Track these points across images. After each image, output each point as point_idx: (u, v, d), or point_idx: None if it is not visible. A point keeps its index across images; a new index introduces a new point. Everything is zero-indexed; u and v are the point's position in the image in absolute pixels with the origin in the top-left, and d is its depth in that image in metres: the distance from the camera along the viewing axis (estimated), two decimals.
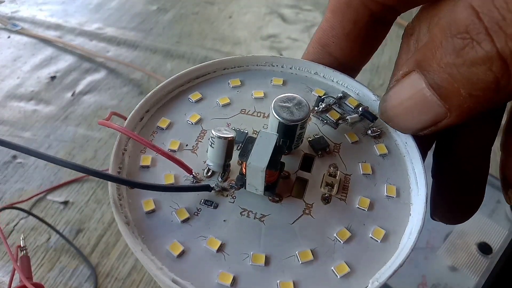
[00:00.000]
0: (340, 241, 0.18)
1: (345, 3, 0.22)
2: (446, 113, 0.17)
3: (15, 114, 0.53)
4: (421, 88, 0.17)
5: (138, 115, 0.22)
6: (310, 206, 0.19)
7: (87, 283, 0.39)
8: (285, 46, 0.66)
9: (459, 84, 0.16)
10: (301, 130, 0.20)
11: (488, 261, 0.38)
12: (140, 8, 0.71)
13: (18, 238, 0.41)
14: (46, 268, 0.40)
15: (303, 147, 0.21)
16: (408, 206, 0.19)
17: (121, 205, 0.18)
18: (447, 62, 0.16)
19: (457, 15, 0.15)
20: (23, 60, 0.60)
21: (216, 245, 0.18)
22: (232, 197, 0.19)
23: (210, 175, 0.20)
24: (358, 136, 0.22)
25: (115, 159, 0.20)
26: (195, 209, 0.19)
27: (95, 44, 0.64)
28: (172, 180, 0.20)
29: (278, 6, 0.74)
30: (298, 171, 0.20)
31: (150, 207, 0.19)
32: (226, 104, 0.23)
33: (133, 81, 0.58)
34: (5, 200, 0.44)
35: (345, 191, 0.20)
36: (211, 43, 0.65)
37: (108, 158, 0.49)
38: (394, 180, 0.20)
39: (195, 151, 0.21)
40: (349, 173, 0.20)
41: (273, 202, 0.19)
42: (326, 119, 0.22)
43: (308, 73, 0.25)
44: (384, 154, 0.21)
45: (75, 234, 0.42)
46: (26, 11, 0.68)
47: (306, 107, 0.20)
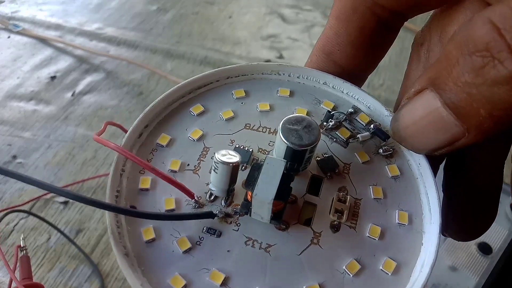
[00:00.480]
0: (350, 274, 0.17)
1: (351, 9, 0.21)
2: (464, 133, 0.16)
3: (15, 114, 0.53)
4: (437, 107, 0.16)
5: (136, 132, 0.21)
6: (319, 235, 0.18)
7: (87, 283, 0.39)
8: (285, 46, 0.66)
9: (479, 104, 0.15)
10: (310, 154, 0.19)
11: (488, 261, 0.38)
12: (140, 8, 0.71)
13: (18, 238, 0.41)
14: (46, 268, 0.39)
15: (311, 167, 0.20)
16: (420, 234, 0.18)
17: (119, 234, 0.17)
18: (465, 81, 0.15)
19: (475, 31, 0.14)
20: (23, 60, 0.60)
21: (220, 279, 0.17)
22: (236, 224, 0.18)
23: (213, 199, 0.19)
24: (369, 155, 0.21)
25: (112, 182, 0.19)
26: (198, 238, 0.18)
27: (95, 44, 0.64)
28: (173, 205, 0.19)
29: (278, 6, 0.74)
30: (306, 194, 0.19)
31: (150, 236, 0.18)
32: (229, 118, 0.22)
33: (133, 81, 0.58)
34: (5, 200, 0.44)
35: (355, 218, 0.19)
36: (211, 43, 0.65)
37: (108, 157, 0.49)
38: (406, 205, 0.19)
39: (197, 171, 0.20)
40: (359, 197, 0.19)
41: (279, 230, 0.18)
42: (335, 137, 0.21)
43: (317, 83, 0.24)
44: (396, 176, 0.20)
45: (75, 234, 0.42)
46: (26, 11, 0.68)
47: (316, 130, 0.18)
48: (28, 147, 0.49)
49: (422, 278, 0.17)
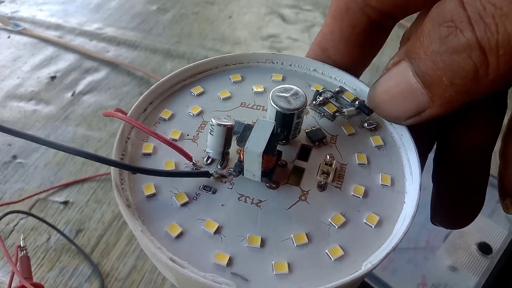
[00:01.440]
0: (335, 226, 0.19)
1: (344, 9, 0.22)
2: (429, 102, 0.17)
3: (15, 114, 0.53)
4: (408, 76, 0.17)
5: (142, 106, 0.23)
6: (306, 193, 0.20)
7: (87, 283, 0.39)
8: (285, 46, 0.66)
9: (442, 72, 0.16)
10: (298, 119, 0.20)
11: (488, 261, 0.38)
12: (140, 8, 0.72)
13: (18, 238, 0.42)
14: (46, 268, 0.40)
15: (301, 138, 0.22)
16: (402, 194, 0.20)
17: (122, 189, 0.19)
18: (432, 50, 0.16)
19: (445, 5, 0.16)
20: (23, 60, 0.60)
21: (214, 227, 0.18)
22: (230, 183, 0.20)
23: (209, 163, 0.21)
24: (355, 128, 0.23)
25: (118, 146, 0.21)
26: (194, 194, 0.19)
27: (95, 44, 0.64)
28: (173, 167, 0.20)
29: (278, 6, 0.74)
30: (295, 160, 0.21)
31: (150, 191, 0.19)
32: (226, 98, 0.24)
33: (133, 81, 0.58)
34: (5, 200, 0.44)
35: (340, 180, 0.20)
36: (211, 43, 0.66)
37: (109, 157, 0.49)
38: (389, 170, 0.21)
39: (195, 140, 0.22)
40: (345, 163, 0.21)
41: (270, 189, 0.20)
42: (323, 111, 0.23)
43: (307, 70, 0.26)
44: (379, 146, 0.22)
45: (75, 234, 0.42)
46: (26, 11, 0.69)
47: (303, 97, 0.20)
48: (28, 147, 0.49)
49: (403, 229, 0.18)
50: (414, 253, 0.38)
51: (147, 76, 0.59)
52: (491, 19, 0.14)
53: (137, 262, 0.40)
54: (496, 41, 0.15)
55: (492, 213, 0.41)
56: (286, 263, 0.17)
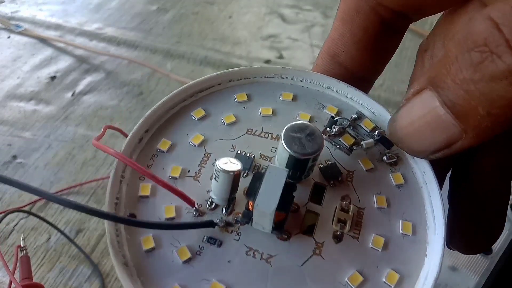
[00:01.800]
0: (352, 287, 0.17)
1: (355, 10, 0.21)
2: (462, 133, 0.15)
3: (15, 114, 0.53)
4: (434, 106, 0.16)
5: (137, 137, 0.20)
6: (321, 245, 0.18)
7: (87, 283, 0.39)
8: (285, 46, 0.66)
9: (477, 101, 0.14)
10: (313, 162, 0.19)
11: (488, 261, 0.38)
12: (140, 8, 0.71)
13: (18, 238, 0.41)
14: (46, 268, 0.39)
15: (314, 174, 0.20)
16: (424, 245, 0.18)
17: (118, 242, 0.17)
18: (463, 77, 0.15)
19: (474, 27, 0.14)
20: (23, 60, 0.60)
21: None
22: (237, 233, 0.18)
23: (213, 207, 0.19)
24: (373, 162, 0.20)
25: (112, 189, 0.18)
26: (198, 248, 0.17)
27: (95, 44, 0.64)
28: (173, 213, 0.18)
29: (278, 6, 0.74)
30: (308, 203, 0.19)
31: (149, 245, 0.17)
32: (231, 123, 0.22)
33: (133, 81, 0.58)
34: (5, 200, 0.44)
35: (358, 228, 0.18)
36: (211, 43, 0.65)
37: (108, 157, 0.49)
38: (410, 215, 0.19)
39: (197, 178, 0.20)
40: (363, 206, 0.19)
41: (281, 240, 0.18)
42: (339, 143, 0.21)
43: (320, 87, 0.23)
44: (400, 185, 0.20)
45: (75, 234, 0.42)
46: (26, 11, 0.68)
47: (319, 138, 0.18)
48: (28, 147, 0.49)
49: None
50: None
51: (148, 75, 0.59)
52: None
53: None
54: None
55: None
56: None
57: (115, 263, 0.17)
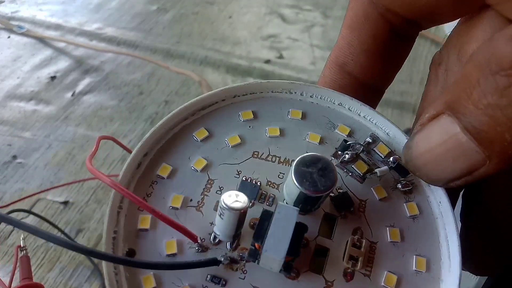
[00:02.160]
0: None
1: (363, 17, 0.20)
2: (485, 160, 0.15)
3: (15, 114, 0.53)
4: (455, 133, 0.15)
5: (135, 162, 0.19)
6: (331, 284, 0.17)
7: (87, 283, 0.39)
8: (285, 46, 0.65)
9: (504, 127, 0.14)
10: (325, 197, 0.17)
11: None
12: (140, 8, 0.71)
13: (18, 238, 0.41)
14: (46, 268, 0.39)
15: (324, 204, 0.19)
16: (438, 283, 0.17)
17: (117, 282, 0.16)
18: (487, 103, 0.14)
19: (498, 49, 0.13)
20: (23, 60, 0.60)
21: None
22: (242, 271, 0.17)
23: (217, 242, 0.17)
24: (387, 190, 0.19)
25: (109, 222, 0.17)
26: (201, 287, 0.16)
27: (95, 44, 0.63)
28: (175, 249, 0.17)
29: (278, 6, 0.74)
30: (318, 237, 0.18)
31: (150, 285, 0.16)
32: (236, 145, 0.20)
33: (133, 81, 0.58)
34: (5, 200, 0.44)
35: (370, 264, 0.17)
36: (211, 43, 0.65)
37: (108, 157, 0.49)
38: (424, 250, 0.18)
39: (200, 208, 0.18)
40: (375, 240, 0.18)
41: (289, 279, 0.17)
42: (351, 171, 0.20)
43: (331, 104, 0.22)
44: (414, 216, 0.19)
45: (75, 234, 0.42)
46: (26, 11, 0.68)
47: (332, 173, 0.17)
48: (28, 147, 0.49)
49: None
50: None
51: (148, 75, 0.59)
52: None
53: None
54: None
55: None
56: None
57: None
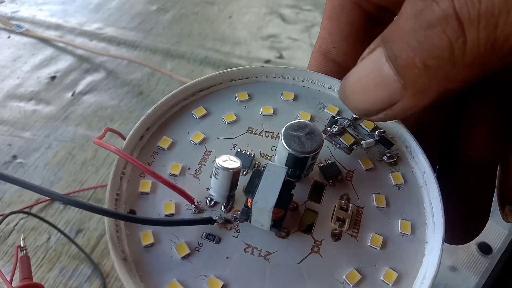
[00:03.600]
0: (350, 284, 0.17)
1: (340, 6, 0.21)
2: (401, 91, 0.15)
3: (15, 114, 0.53)
4: (381, 62, 0.16)
5: (138, 134, 0.20)
6: (319, 243, 0.18)
7: (87, 283, 0.39)
8: (285, 46, 0.66)
9: (415, 52, 0.14)
10: (312, 160, 0.19)
11: (488, 261, 0.38)
12: (140, 8, 0.71)
13: (18, 238, 0.41)
14: (46, 268, 0.39)
15: (313, 173, 0.20)
16: (423, 245, 0.18)
17: (118, 238, 0.17)
18: (406, 29, 0.14)
19: None
20: (23, 60, 0.60)
21: (218, 286, 0.16)
22: (236, 230, 0.18)
23: (213, 204, 0.19)
24: (373, 162, 0.20)
25: (112, 186, 0.18)
26: (197, 244, 0.18)
27: (95, 44, 0.64)
28: (173, 210, 0.18)
29: (278, 6, 0.74)
30: (307, 201, 0.19)
31: (148, 240, 0.17)
32: (232, 122, 0.22)
33: (133, 81, 0.58)
34: (5, 200, 0.44)
35: (357, 227, 0.18)
36: (211, 43, 0.65)
37: (108, 157, 0.49)
38: (409, 214, 0.19)
39: (197, 175, 0.20)
40: (362, 205, 0.19)
41: (279, 238, 0.18)
42: (339, 143, 0.21)
43: (321, 87, 0.23)
44: (399, 185, 0.20)
45: (75, 234, 0.42)
46: (26, 11, 0.68)
47: (318, 136, 0.18)
48: (28, 147, 0.49)
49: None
50: None
51: (148, 75, 0.59)
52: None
53: None
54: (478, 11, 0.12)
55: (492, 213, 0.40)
56: None
57: (114, 258, 0.17)
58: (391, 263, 0.18)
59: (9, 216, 0.42)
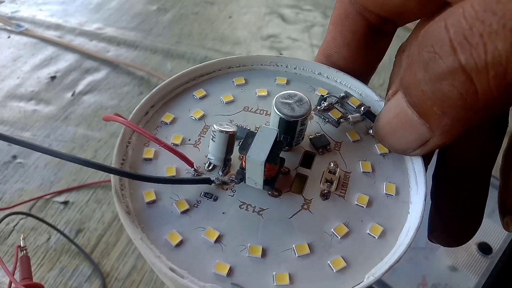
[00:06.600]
0: (338, 236, 0.18)
1: (344, 15, 0.22)
2: (429, 132, 0.16)
3: (15, 114, 0.53)
4: (404, 106, 0.17)
5: (143, 110, 0.22)
6: (309, 202, 0.19)
7: (87, 283, 0.39)
8: (285, 46, 0.66)
9: (431, 101, 0.15)
10: (301, 126, 0.20)
11: (488, 261, 0.38)
12: (140, 8, 0.71)
13: (18, 238, 0.41)
14: (46, 268, 0.40)
15: (304, 144, 0.22)
16: (407, 204, 0.19)
17: (122, 195, 0.19)
18: (419, 78, 0.15)
19: (430, 27, 0.15)
20: (23, 60, 0.60)
21: (214, 236, 0.18)
22: (232, 190, 0.20)
23: (211, 169, 0.20)
24: (360, 135, 0.22)
25: (118, 151, 0.20)
26: (195, 201, 0.19)
27: (95, 44, 0.64)
28: (174, 173, 0.20)
29: (278, 6, 0.74)
30: (298, 167, 0.21)
31: (151, 197, 0.19)
32: (229, 102, 0.23)
33: (133, 81, 0.58)
34: (5, 200, 0.44)
35: (344, 188, 0.20)
36: (211, 43, 0.65)
37: (108, 157, 0.49)
38: (394, 178, 0.20)
39: (197, 145, 0.21)
40: (349, 170, 0.21)
41: (272, 197, 0.19)
42: (328, 117, 0.23)
43: (312, 73, 0.25)
44: (384, 153, 0.21)
45: (75, 234, 0.42)
46: (26, 11, 0.68)
47: (307, 103, 0.20)
48: None
49: (407, 241, 0.18)
50: (414, 253, 0.38)
51: (148, 75, 0.59)
52: (479, 38, 0.13)
53: (137, 262, 0.40)
54: (485, 63, 0.13)
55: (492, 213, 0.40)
56: (287, 274, 0.17)
57: (119, 211, 0.18)
58: (377, 220, 0.19)
59: (9, 216, 0.42)
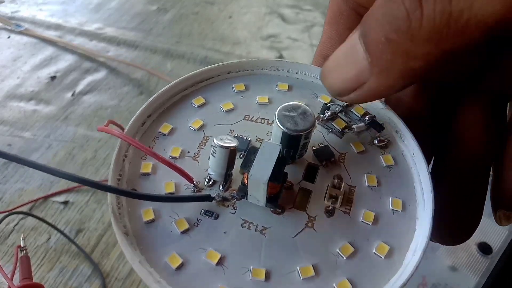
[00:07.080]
0: (343, 257, 0.18)
1: (338, 12, 0.22)
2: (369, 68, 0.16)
3: (15, 114, 0.53)
4: (355, 39, 0.16)
5: (140, 120, 0.21)
6: (313, 219, 0.19)
7: (87, 283, 0.39)
8: (285, 46, 0.66)
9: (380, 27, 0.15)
10: (305, 140, 0.19)
11: (488, 261, 0.38)
12: (140, 8, 0.71)
13: (18, 238, 0.41)
14: (46, 268, 0.39)
15: (307, 156, 0.21)
16: (413, 221, 0.19)
17: (120, 214, 0.18)
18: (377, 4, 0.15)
19: None
20: (23, 60, 0.60)
21: (216, 258, 0.17)
22: (233, 207, 0.19)
23: (211, 184, 0.19)
24: (364, 145, 0.21)
25: (115, 166, 0.19)
26: (195, 220, 0.18)
27: (95, 44, 0.64)
28: (173, 189, 0.19)
29: (278, 6, 0.74)
30: (302, 181, 0.20)
31: (149, 216, 0.18)
32: (229, 110, 0.23)
33: (133, 81, 0.58)
34: (5, 200, 0.44)
35: (349, 204, 0.19)
36: (211, 43, 0.65)
37: (108, 157, 0.49)
38: (400, 193, 0.20)
39: (196, 158, 0.21)
40: (354, 184, 0.20)
41: (275, 214, 0.19)
42: (331, 127, 0.22)
43: (314, 79, 0.24)
44: (390, 166, 0.21)
45: (75, 234, 0.42)
46: (26, 11, 0.68)
47: (311, 116, 0.19)
48: (28, 147, 0.49)
49: (414, 261, 0.17)
50: None
51: (148, 75, 0.59)
52: None
53: None
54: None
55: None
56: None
57: (116, 232, 0.17)
58: (383, 237, 0.18)
59: (9, 216, 0.42)
